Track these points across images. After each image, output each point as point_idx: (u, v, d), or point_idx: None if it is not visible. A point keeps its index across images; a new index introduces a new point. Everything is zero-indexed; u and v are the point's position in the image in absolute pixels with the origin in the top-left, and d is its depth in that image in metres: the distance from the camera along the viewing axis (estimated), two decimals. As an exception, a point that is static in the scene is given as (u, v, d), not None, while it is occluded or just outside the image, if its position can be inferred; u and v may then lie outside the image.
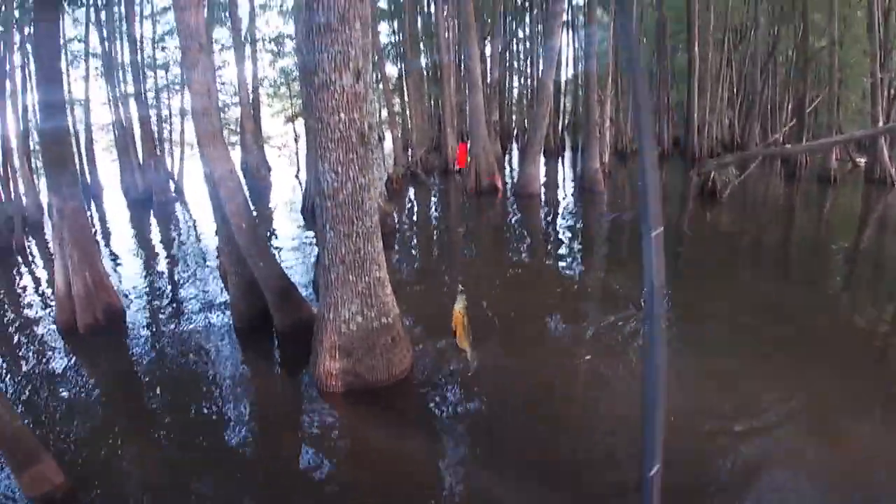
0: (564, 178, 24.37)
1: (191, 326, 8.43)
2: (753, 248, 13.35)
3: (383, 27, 33.75)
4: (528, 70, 39.63)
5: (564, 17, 32.52)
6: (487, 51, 33.37)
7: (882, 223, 16.62)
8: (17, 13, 17.83)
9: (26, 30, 18.34)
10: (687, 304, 8.69)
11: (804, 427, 5.43)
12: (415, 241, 13.35)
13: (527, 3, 37.63)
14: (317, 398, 6.06)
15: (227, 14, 26.51)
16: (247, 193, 7.78)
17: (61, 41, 17.89)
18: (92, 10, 23.65)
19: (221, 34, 28.41)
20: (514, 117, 44.09)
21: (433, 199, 19.05)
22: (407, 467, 5.00)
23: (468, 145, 18.58)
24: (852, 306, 9.31)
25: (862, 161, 28.06)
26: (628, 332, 7.53)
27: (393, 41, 34.94)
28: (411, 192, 19.66)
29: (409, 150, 23.90)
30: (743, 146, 28.97)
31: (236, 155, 27.36)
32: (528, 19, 38.40)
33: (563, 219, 15.96)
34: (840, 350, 7.21)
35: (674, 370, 6.47)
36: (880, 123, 22.86)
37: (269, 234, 14.09)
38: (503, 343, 7.17)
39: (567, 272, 10.91)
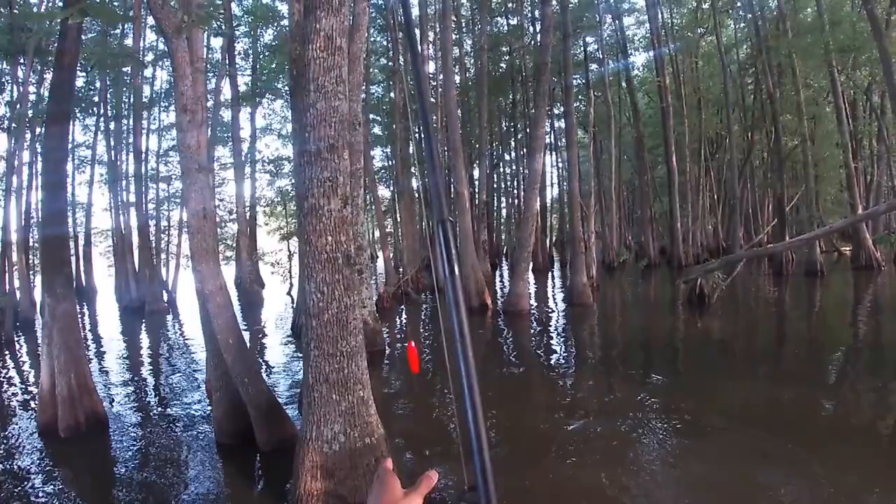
0: (554, 293, 24.69)
1: (173, 439, 8.34)
2: (747, 352, 13.38)
3: (377, 152, 35.29)
4: (515, 191, 41.13)
5: (547, 140, 34.35)
6: (476, 174, 34.75)
7: (875, 308, 16.87)
8: (30, 112, 18.58)
9: (38, 129, 19.08)
10: (685, 415, 8.71)
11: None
12: (404, 360, 13.32)
13: (511, 128, 39.49)
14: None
15: (230, 135, 27.85)
16: (237, 309, 7.96)
17: (69, 145, 18.64)
18: (101, 119, 24.76)
19: (223, 153, 29.91)
20: (503, 236, 45.35)
21: (423, 317, 19.21)
22: None
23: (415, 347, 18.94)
24: (851, 399, 9.51)
25: (847, 249, 28.80)
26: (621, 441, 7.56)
27: (386, 165, 36.44)
28: (402, 311, 19.85)
29: (401, 269, 24.30)
30: (727, 250, 29.62)
31: (231, 269, 27.77)
32: (513, 143, 40.20)
33: (552, 335, 16.08)
34: (843, 447, 7.31)
35: (685, 482, 6.75)
36: (860, 210, 23.59)
37: (257, 350, 14.10)
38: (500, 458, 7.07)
39: (558, 384, 10.98)
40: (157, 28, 10.46)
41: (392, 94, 28.49)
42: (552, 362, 12.97)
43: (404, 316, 18.90)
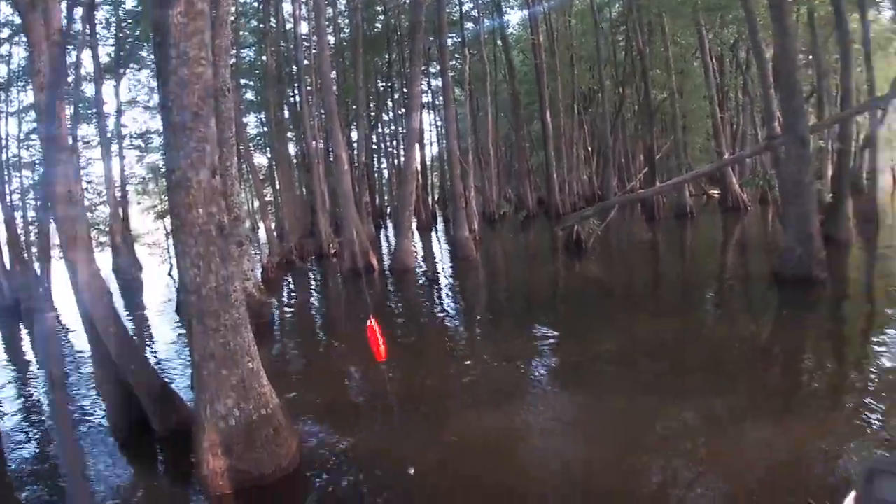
0: (440, 249, 25.09)
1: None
2: (625, 292, 14.27)
3: (250, 119, 34.11)
4: (395, 151, 41.09)
5: (424, 99, 34.41)
6: (354, 135, 34.36)
7: (742, 245, 18.30)
8: None
9: None
10: (575, 352, 9.36)
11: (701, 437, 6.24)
12: (294, 328, 13.19)
13: (388, 88, 39.19)
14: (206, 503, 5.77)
15: (94, 110, 25.86)
16: (117, 296, 7.62)
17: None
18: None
19: (88, 130, 27.67)
20: (385, 197, 45.41)
21: (311, 284, 19.05)
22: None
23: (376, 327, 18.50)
24: (724, 329, 10.42)
25: (715, 193, 31.03)
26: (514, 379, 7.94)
27: (261, 131, 35.35)
28: (289, 279, 19.58)
29: (284, 238, 23.87)
30: (602, 198, 31.15)
31: (107, 256, 26.25)
32: (390, 102, 39.96)
33: (440, 289, 16.41)
34: (717, 371, 8.14)
35: (580, 409, 7.34)
36: (726, 156, 25.37)
37: (142, 335, 13.49)
38: (390, 423, 7.18)
39: (450, 337, 11.32)
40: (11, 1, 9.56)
41: (264, 58, 27.49)
42: (442, 316, 13.29)
43: (291, 285, 18.64)
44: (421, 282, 17.27)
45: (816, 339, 9.67)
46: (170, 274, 23.32)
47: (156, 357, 11.06)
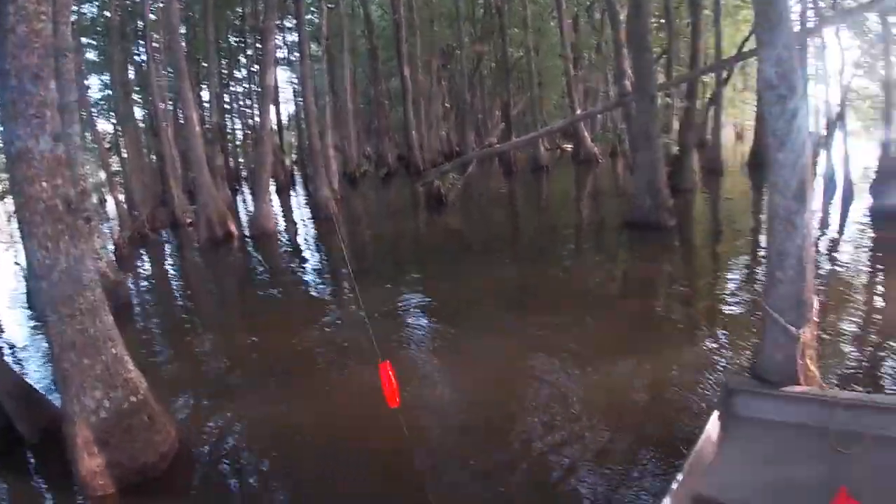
0: (301, 211, 24.55)
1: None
2: (486, 242, 14.78)
3: (93, 81, 31.22)
4: (249, 111, 39.34)
5: (279, 55, 33.05)
6: (205, 95, 32.48)
7: (594, 195, 19.34)
8: None
9: None
10: (442, 301, 9.75)
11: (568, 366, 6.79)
12: (154, 307, 12.31)
13: (241, 43, 37.30)
14: (90, 508, 5.33)
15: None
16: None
17: None
18: None
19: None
20: (240, 159, 43.42)
21: (167, 258, 17.98)
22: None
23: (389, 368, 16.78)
24: (582, 272, 11.18)
25: (569, 147, 32.56)
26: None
27: (106, 94, 32.44)
28: (144, 254, 18.28)
29: (135, 210, 22.22)
30: (460, 153, 31.69)
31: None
32: (243, 59, 38.10)
33: (303, 251, 16.15)
34: (580, 310, 8.79)
35: (451, 354, 7.62)
36: (579, 112, 26.60)
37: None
38: (267, 396, 7.03)
39: (317, 298, 11.23)
40: None
41: (107, 13, 25.05)
42: (307, 278, 13.10)
43: (146, 261, 17.47)
44: (283, 246, 16.83)
45: (669, 279, 10.55)
46: (17, 263, 21.18)
47: (13, 356, 9.85)
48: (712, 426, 4.57)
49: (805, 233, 4.72)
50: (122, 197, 22.38)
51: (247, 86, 39.16)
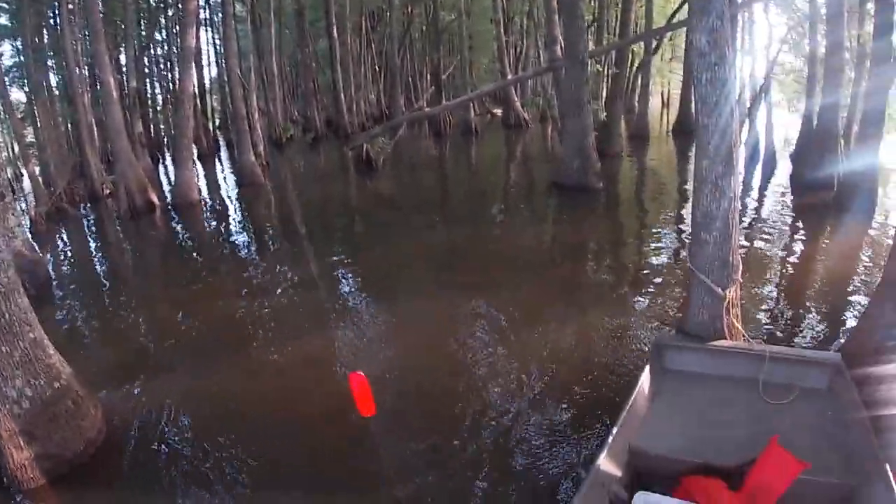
0: (224, 177, 23.82)
1: None
2: (418, 205, 14.78)
3: (5, 48, 29.19)
4: (170, 74, 37.59)
5: (201, 15, 31.63)
6: (123, 59, 30.85)
7: (524, 158, 19.48)
8: None
9: None
10: (373, 266, 9.83)
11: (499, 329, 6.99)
12: (75, 286, 11.71)
13: (161, 3, 35.47)
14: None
15: None
16: None
17: None
18: None
19: None
20: (161, 126, 41.57)
21: (87, 233, 17.09)
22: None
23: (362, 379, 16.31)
24: (511, 233, 11.47)
25: (498, 112, 32.65)
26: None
27: (17, 61, 30.31)
28: (62, 230, 17.33)
29: (51, 184, 21.01)
30: (390, 116, 31.26)
31: None
32: (163, 20, 36.29)
33: (229, 220, 15.72)
34: (510, 269, 9.05)
35: (387, 316, 7.77)
36: (509, 76, 26.63)
37: None
38: (196, 371, 6.89)
39: (245, 269, 10.98)
40: None
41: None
42: (233, 249, 12.69)
43: (65, 237, 16.57)
44: (207, 216, 16.31)
45: (597, 239, 10.92)
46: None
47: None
48: (644, 381, 4.76)
49: (731, 196, 4.86)
50: (37, 170, 21.18)
51: (167, 48, 37.30)
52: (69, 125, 26.52)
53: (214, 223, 15.51)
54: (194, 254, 12.87)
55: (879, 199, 10.73)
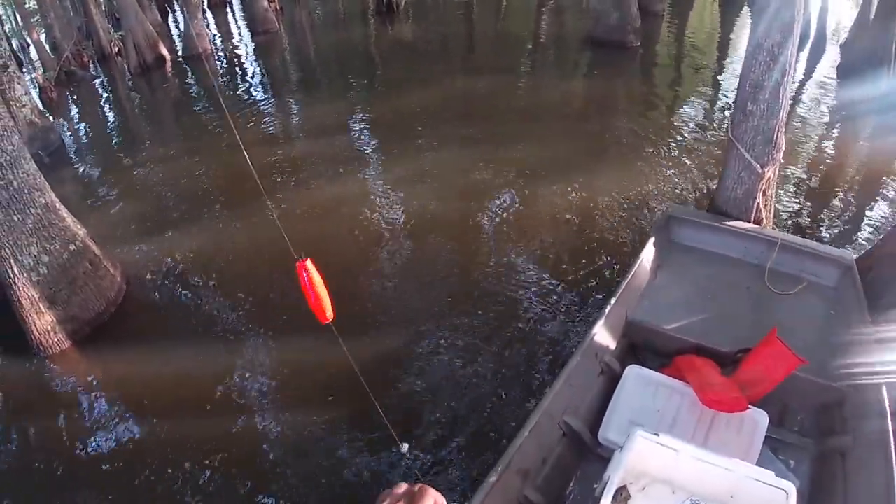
0: (238, 26, 22.66)
1: None
2: (440, 53, 14.15)
3: None
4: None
5: None
6: None
7: (557, 9, 18.25)
8: None
9: None
10: (394, 114, 9.71)
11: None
12: (90, 150, 11.36)
13: None
14: (48, 368, 5.15)
15: None
16: None
17: None
18: None
19: None
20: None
21: (98, 95, 16.58)
22: (189, 381, 4.90)
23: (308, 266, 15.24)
24: (539, 87, 11.01)
25: None
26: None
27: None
28: (73, 94, 16.85)
29: (58, 48, 20.19)
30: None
31: None
32: None
33: (244, 70, 15.05)
34: (537, 123, 8.93)
35: (410, 163, 7.80)
36: None
37: None
38: (209, 223, 7.00)
39: (263, 120, 10.76)
40: None
41: None
42: (249, 100, 12.24)
43: (76, 100, 16.12)
44: (219, 67, 15.63)
45: (628, 101, 10.29)
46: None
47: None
48: (647, 253, 4.59)
49: (786, 68, 4.38)
50: (42, 36, 20.41)
51: None
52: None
53: (228, 75, 14.84)
54: (206, 106, 12.46)
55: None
